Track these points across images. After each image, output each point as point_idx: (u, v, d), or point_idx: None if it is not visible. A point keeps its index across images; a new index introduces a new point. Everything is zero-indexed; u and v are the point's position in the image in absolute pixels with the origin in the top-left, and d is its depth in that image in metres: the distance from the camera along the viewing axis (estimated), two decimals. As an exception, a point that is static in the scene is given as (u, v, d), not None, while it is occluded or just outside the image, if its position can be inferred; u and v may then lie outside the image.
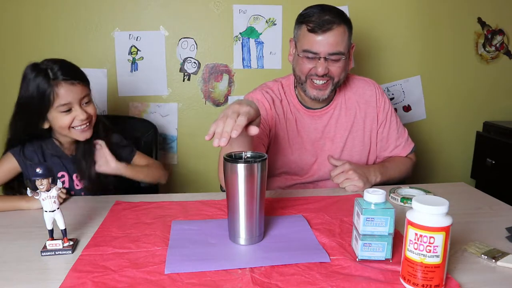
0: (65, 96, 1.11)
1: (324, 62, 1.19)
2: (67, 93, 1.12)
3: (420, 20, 2.01)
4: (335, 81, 1.23)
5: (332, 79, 1.22)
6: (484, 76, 2.12)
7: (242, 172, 0.80)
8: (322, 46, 1.17)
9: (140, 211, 1.02)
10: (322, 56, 1.18)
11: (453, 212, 0.68)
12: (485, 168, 2.07)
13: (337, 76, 1.23)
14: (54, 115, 1.13)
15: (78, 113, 1.14)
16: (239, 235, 0.83)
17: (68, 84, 1.12)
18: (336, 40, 1.17)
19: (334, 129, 1.33)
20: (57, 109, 1.12)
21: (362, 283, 0.69)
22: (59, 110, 1.12)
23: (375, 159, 1.39)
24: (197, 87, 1.94)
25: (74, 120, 1.14)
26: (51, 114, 1.13)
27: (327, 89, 1.24)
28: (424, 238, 0.64)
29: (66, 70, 1.13)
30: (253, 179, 0.80)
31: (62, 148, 1.24)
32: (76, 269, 0.74)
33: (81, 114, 1.14)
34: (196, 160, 2.01)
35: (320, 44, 1.17)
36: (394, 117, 1.38)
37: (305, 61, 1.21)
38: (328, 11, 1.19)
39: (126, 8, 1.83)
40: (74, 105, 1.14)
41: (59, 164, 1.23)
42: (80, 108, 1.15)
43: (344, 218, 0.97)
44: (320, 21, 1.17)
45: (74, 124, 1.15)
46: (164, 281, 0.70)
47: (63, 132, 1.18)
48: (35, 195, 0.78)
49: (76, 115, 1.14)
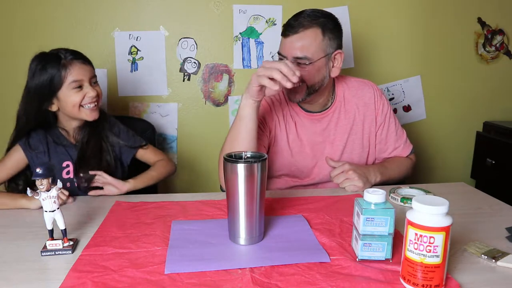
0: (77, 73, 1.17)
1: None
2: (79, 70, 1.18)
3: (420, 20, 2.01)
4: (308, 85, 1.20)
5: (305, 83, 1.19)
6: (484, 76, 2.11)
7: (242, 172, 0.80)
8: (287, 49, 1.17)
9: (140, 211, 1.02)
10: (288, 59, 1.16)
11: (453, 212, 0.68)
12: (485, 168, 2.08)
13: (309, 81, 1.19)
14: (65, 93, 1.17)
15: (88, 90, 1.19)
16: (239, 235, 0.83)
17: (79, 62, 1.19)
18: (302, 44, 1.14)
19: (333, 132, 1.33)
20: (69, 86, 1.17)
21: (362, 283, 0.69)
22: (71, 87, 1.17)
23: (374, 161, 1.39)
24: (197, 87, 1.94)
25: (84, 97, 1.18)
26: (62, 92, 1.17)
27: (301, 93, 1.21)
28: (424, 238, 0.64)
29: (75, 53, 1.21)
30: (253, 179, 0.80)
31: (67, 137, 1.26)
32: (76, 269, 0.74)
33: (91, 91, 1.19)
34: (196, 160, 2.01)
35: (285, 47, 1.17)
36: (393, 119, 1.38)
37: None
38: (305, 15, 1.16)
39: (126, 8, 1.83)
40: (85, 83, 1.19)
41: (63, 153, 1.24)
42: (90, 86, 1.20)
43: (344, 218, 0.97)
44: (289, 25, 1.16)
45: (84, 102, 1.19)
46: (164, 281, 0.70)
47: (72, 112, 1.20)
48: (35, 195, 0.78)
49: (86, 92, 1.19)
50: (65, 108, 1.20)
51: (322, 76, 1.21)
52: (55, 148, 1.24)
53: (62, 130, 1.26)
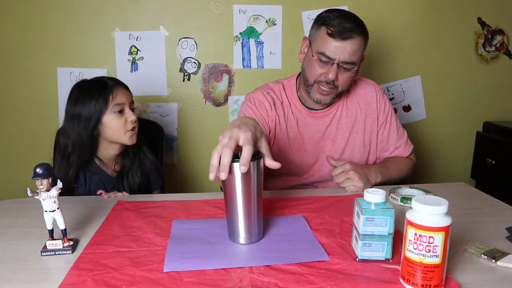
0: (120, 97, 1.24)
1: (336, 69, 1.18)
2: (121, 94, 1.25)
3: (420, 20, 2.01)
4: (339, 90, 1.24)
5: (336, 88, 1.23)
6: (484, 76, 2.12)
7: (238, 171, 0.79)
8: (338, 53, 1.17)
9: (142, 210, 1.02)
10: (335, 63, 1.18)
11: (453, 212, 0.68)
12: (485, 168, 2.08)
13: (342, 86, 1.23)
14: (109, 118, 1.23)
15: (129, 115, 1.25)
16: (238, 234, 0.83)
17: (121, 87, 1.26)
18: (353, 50, 1.17)
19: (335, 130, 1.33)
20: (112, 109, 1.22)
21: (362, 283, 0.69)
22: (114, 110, 1.22)
23: (375, 160, 1.39)
24: (197, 87, 1.94)
25: (126, 122, 1.24)
26: (106, 117, 1.22)
27: (330, 96, 1.24)
28: (424, 238, 0.64)
29: (116, 79, 1.29)
30: (250, 178, 0.80)
31: (103, 168, 1.30)
32: (77, 267, 0.74)
33: (131, 115, 1.25)
34: (196, 160, 2.01)
35: (336, 50, 1.17)
36: (394, 118, 1.38)
37: (316, 65, 1.21)
38: (350, 19, 1.18)
39: (126, 8, 1.84)
40: (126, 107, 1.25)
41: (98, 182, 1.28)
42: (130, 110, 1.26)
43: (344, 218, 0.97)
44: (341, 28, 1.16)
45: (127, 127, 1.25)
46: (164, 279, 0.70)
47: (115, 136, 1.24)
48: (35, 195, 0.78)
49: (127, 116, 1.25)
50: (107, 132, 1.24)
51: (352, 81, 1.27)
52: (90, 178, 1.28)
53: (98, 160, 1.29)
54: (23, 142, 1.91)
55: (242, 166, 0.75)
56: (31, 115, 1.88)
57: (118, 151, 1.30)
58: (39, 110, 1.88)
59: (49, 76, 1.86)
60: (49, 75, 1.86)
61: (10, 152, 1.92)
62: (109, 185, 1.29)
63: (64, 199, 1.10)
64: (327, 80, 1.20)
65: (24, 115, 1.88)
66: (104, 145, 1.27)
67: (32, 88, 1.86)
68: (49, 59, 1.85)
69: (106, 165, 1.31)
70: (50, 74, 1.86)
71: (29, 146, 1.90)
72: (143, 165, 1.35)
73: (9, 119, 1.89)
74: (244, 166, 0.75)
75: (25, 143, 1.91)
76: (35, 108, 1.88)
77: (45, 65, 1.85)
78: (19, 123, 1.89)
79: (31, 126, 1.89)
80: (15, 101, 1.86)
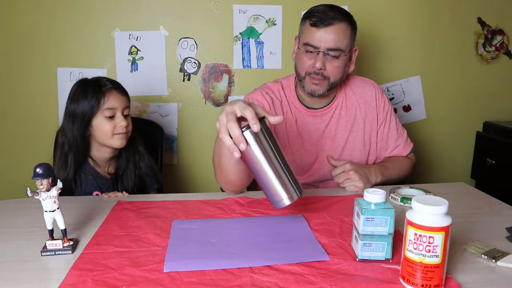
0: (112, 101, 1.23)
1: (323, 57, 1.20)
2: (115, 99, 1.23)
3: (420, 20, 2.01)
4: (330, 81, 1.24)
5: (328, 79, 1.23)
6: (484, 76, 2.12)
7: (251, 137, 0.80)
8: (323, 41, 1.18)
9: (142, 210, 1.02)
10: (321, 51, 1.19)
11: (453, 212, 0.68)
12: (485, 168, 2.07)
13: (333, 76, 1.23)
14: (99, 120, 1.22)
15: (119, 120, 1.24)
16: (280, 197, 0.84)
17: (116, 91, 1.25)
18: (337, 36, 1.18)
19: (335, 128, 1.33)
20: (102, 113, 1.22)
21: (362, 283, 0.69)
22: (104, 114, 1.22)
23: (375, 159, 1.39)
24: (197, 87, 1.94)
25: (115, 127, 1.23)
26: (96, 119, 1.22)
27: (323, 87, 1.24)
28: (424, 238, 0.64)
29: (114, 82, 1.28)
30: (264, 138, 0.82)
31: (97, 168, 1.30)
32: (77, 267, 0.74)
33: (122, 120, 1.24)
34: (196, 160, 2.01)
35: (320, 38, 1.18)
36: (394, 117, 1.38)
37: (304, 57, 1.22)
38: (333, 9, 1.21)
39: (126, 8, 1.84)
40: (117, 112, 1.24)
41: (93, 183, 1.28)
42: (121, 116, 1.25)
43: (344, 218, 0.97)
44: (324, 16, 1.18)
45: (116, 131, 1.24)
46: (164, 279, 0.70)
47: (103, 139, 1.24)
48: (35, 195, 0.78)
49: (117, 122, 1.24)
50: (96, 135, 1.24)
51: (344, 71, 1.26)
52: (86, 179, 1.28)
53: (92, 162, 1.29)
54: (23, 142, 1.91)
55: (253, 125, 0.78)
56: (31, 115, 1.88)
57: (111, 153, 1.29)
58: (39, 110, 1.88)
59: (49, 76, 1.86)
60: (49, 75, 1.86)
61: (10, 152, 1.92)
62: (104, 187, 1.29)
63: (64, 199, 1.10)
64: (316, 71, 1.21)
65: (24, 115, 1.88)
66: (96, 147, 1.27)
67: (32, 88, 1.86)
68: (49, 59, 1.84)
69: (100, 167, 1.31)
70: (50, 74, 1.86)
71: (29, 146, 1.90)
72: (138, 168, 1.34)
73: (9, 119, 1.89)
74: (255, 124, 0.78)
75: (25, 143, 1.91)
76: (35, 108, 1.88)
77: (45, 65, 1.84)
78: (19, 123, 1.89)
79: (31, 126, 1.89)
80: (15, 101, 1.86)
